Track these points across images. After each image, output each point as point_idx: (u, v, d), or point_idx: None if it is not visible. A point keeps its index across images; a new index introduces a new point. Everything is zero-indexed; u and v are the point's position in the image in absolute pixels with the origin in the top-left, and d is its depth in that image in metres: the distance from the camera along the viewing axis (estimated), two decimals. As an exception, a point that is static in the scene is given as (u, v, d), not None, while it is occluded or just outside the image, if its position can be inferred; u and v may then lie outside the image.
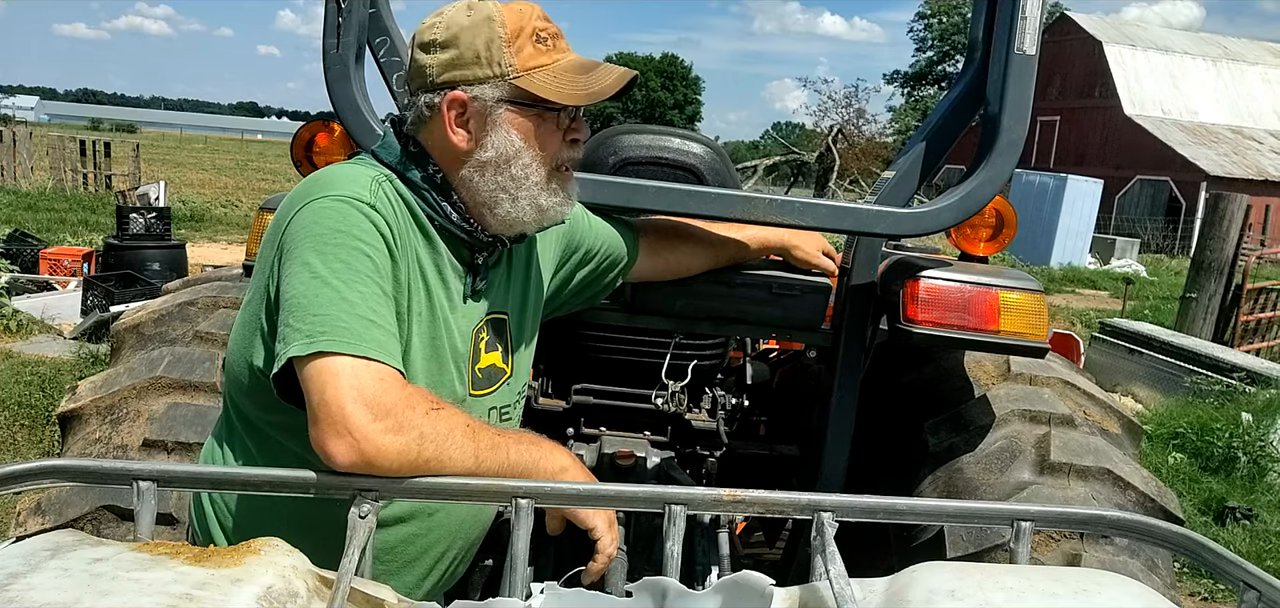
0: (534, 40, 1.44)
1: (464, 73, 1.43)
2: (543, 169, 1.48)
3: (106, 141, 23.36)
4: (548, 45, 1.45)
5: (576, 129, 1.52)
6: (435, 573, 1.59)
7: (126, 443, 2.02)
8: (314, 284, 1.29)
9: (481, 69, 1.42)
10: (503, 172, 1.45)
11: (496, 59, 1.42)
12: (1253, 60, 36.76)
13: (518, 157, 1.46)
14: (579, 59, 1.49)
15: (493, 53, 1.42)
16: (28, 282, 9.39)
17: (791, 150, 34.05)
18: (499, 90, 1.43)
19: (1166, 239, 28.61)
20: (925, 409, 2.25)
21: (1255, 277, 10.76)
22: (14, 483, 1.07)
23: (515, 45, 1.42)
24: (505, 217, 1.48)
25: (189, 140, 66.62)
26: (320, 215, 1.35)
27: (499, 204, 1.47)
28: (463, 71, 1.43)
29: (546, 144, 1.48)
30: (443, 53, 1.44)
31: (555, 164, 1.50)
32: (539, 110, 1.45)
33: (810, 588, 1.04)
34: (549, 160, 1.49)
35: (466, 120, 1.44)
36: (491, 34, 1.42)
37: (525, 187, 1.47)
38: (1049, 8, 1.84)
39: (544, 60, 1.44)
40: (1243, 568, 0.98)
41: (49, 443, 5.06)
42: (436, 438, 1.25)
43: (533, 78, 1.43)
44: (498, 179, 1.46)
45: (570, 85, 1.44)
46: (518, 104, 1.44)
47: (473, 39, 1.42)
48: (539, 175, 1.48)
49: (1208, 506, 5.47)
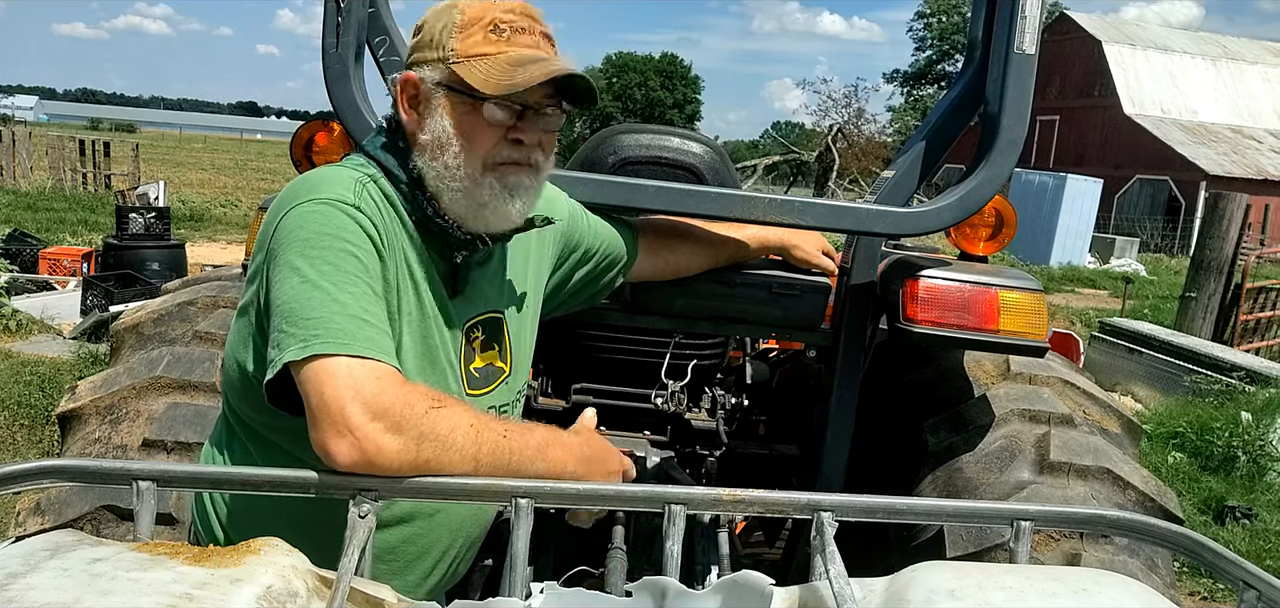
0: (489, 29, 1.41)
1: (418, 54, 1.46)
2: (474, 162, 1.43)
3: (106, 141, 23.35)
4: (502, 36, 1.41)
5: (520, 129, 1.44)
6: (437, 573, 1.59)
7: (126, 443, 2.02)
8: (304, 288, 1.29)
9: (430, 51, 1.44)
10: (438, 157, 1.44)
11: (443, 42, 1.42)
12: (1252, 60, 36.77)
13: (449, 144, 1.43)
14: (524, 53, 1.41)
15: (442, 37, 1.42)
16: (27, 281, 9.39)
17: (791, 150, 34.07)
18: (437, 73, 1.43)
19: (1166, 238, 28.62)
20: (925, 409, 2.25)
21: (1255, 276, 10.77)
22: (14, 483, 1.07)
23: (465, 31, 1.41)
24: (451, 209, 1.46)
25: (188, 140, 66.61)
26: (305, 219, 1.34)
27: (441, 194, 1.45)
28: (418, 53, 1.46)
29: (476, 136, 1.43)
30: (413, 37, 1.48)
31: (489, 160, 1.44)
32: (469, 99, 1.41)
33: (810, 588, 1.04)
34: (480, 154, 1.43)
35: (417, 102, 1.46)
36: (449, 19, 1.43)
37: (458, 177, 1.44)
38: (1049, 7, 1.84)
39: (489, 50, 1.40)
40: (1242, 568, 0.98)
41: (49, 443, 5.06)
42: (436, 436, 1.25)
43: (469, 65, 1.40)
44: (435, 165, 1.44)
45: (497, 75, 1.38)
46: (451, 89, 1.42)
47: (434, 22, 1.44)
48: (471, 168, 1.43)
49: (1207, 505, 5.47)
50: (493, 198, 1.45)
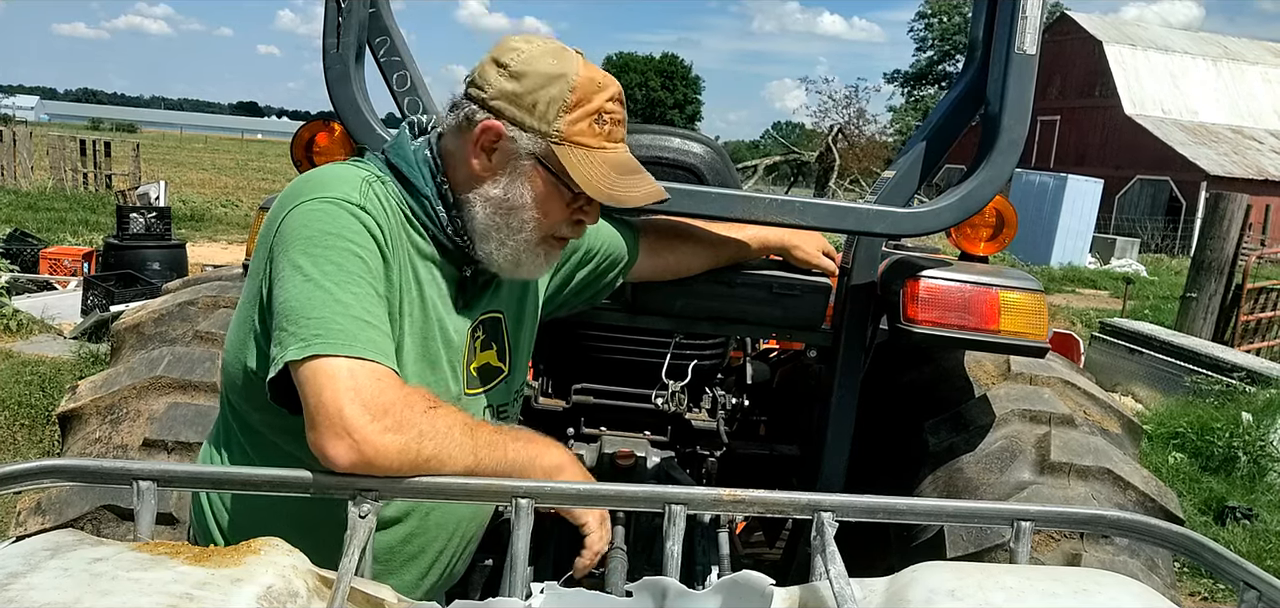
0: (593, 118, 1.43)
1: (513, 110, 1.42)
2: (539, 232, 1.48)
3: (106, 141, 23.35)
4: (603, 129, 1.45)
5: (585, 213, 1.51)
6: (434, 572, 1.59)
7: (126, 443, 2.02)
8: (306, 287, 1.28)
9: (531, 118, 1.42)
10: (502, 214, 1.46)
11: (549, 118, 1.41)
12: (1253, 60, 36.75)
13: (522, 209, 1.46)
14: (624, 158, 1.48)
15: (549, 111, 1.41)
16: (28, 281, 9.40)
17: (791, 150, 34.05)
18: (535, 146, 1.43)
19: (1166, 239, 28.61)
20: (925, 409, 2.25)
21: (1255, 276, 10.76)
22: (14, 483, 1.07)
23: (572, 114, 1.42)
24: (486, 253, 1.49)
25: (189, 140, 66.59)
26: (309, 217, 1.34)
27: (487, 239, 1.48)
28: (513, 109, 1.42)
29: (552, 211, 1.48)
30: (509, 81, 1.42)
31: (552, 232, 1.50)
32: (560, 182, 1.45)
33: (810, 588, 1.04)
34: (548, 227, 1.49)
35: (492, 151, 1.45)
36: (557, 93, 1.41)
37: (516, 238, 1.47)
38: (1049, 7, 1.84)
39: (590, 141, 1.43)
40: (1243, 568, 0.98)
41: (49, 443, 5.06)
42: (435, 436, 1.25)
43: (571, 153, 1.42)
44: (495, 218, 1.46)
45: (601, 180, 1.43)
46: (545, 166, 1.44)
47: (539, 86, 1.41)
48: (533, 236, 1.48)
49: (1208, 505, 5.47)
50: (534, 262, 1.52)
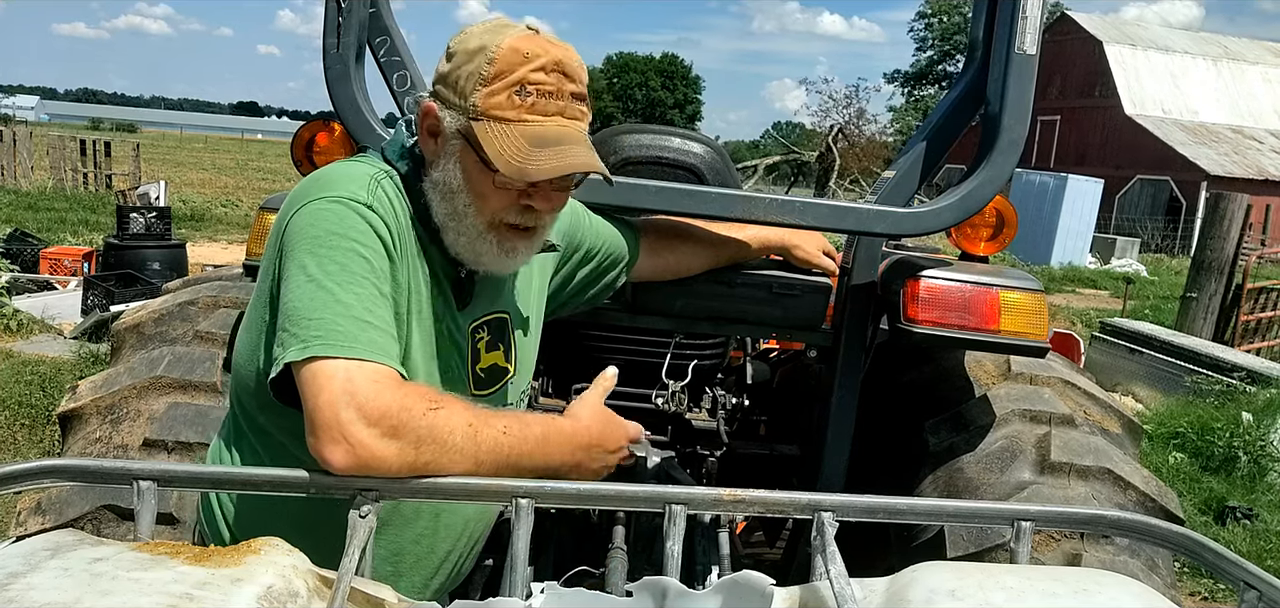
0: (515, 89, 1.35)
1: (443, 90, 1.41)
2: (480, 217, 1.42)
3: (107, 141, 23.36)
4: (525, 101, 1.35)
5: (535, 196, 1.42)
6: (443, 572, 1.59)
7: (127, 443, 2.02)
8: (309, 288, 1.28)
9: (453, 95, 1.39)
10: (447, 200, 1.43)
11: (466, 92, 1.37)
12: (1253, 60, 36.75)
13: (458, 193, 1.42)
14: (548, 130, 1.37)
15: (467, 85, 1.37)
16: (28, 281, 9.40)
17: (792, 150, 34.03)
18: (458, 123, 1.39)
19: (1167, 239, 28.61)
20: (925, 409, 2.25)
21: (1255, 276, 10.76)
22: (14, 483, 1.07)
23: (490, 86, 1.35)
24: (451, 245, 1.46)
25: (189, 140, 66.57)
26: (316, 217, 1.34)
27: (445, 230, 1.45)
28: (443, 87, 1.41)
29: (485, 196, 1.41)
30: (444, 62, 1.42)
31: (495, 220, 1.43)
32: (481, 159, 1.38)
33: (810, 588, 1.04)
34: (487, 212, 1.42)
35: (435, 135, 1.43)
36: (475, 67, 1.36)
37: (462, 224, 1.43)
38: (1049, 7, 1.84)
39: (510, 114, 1.35)
40: (1243, 568, 0.98)
41: (49, 443, 5.06)
42: (434, 440, 1.24)
43: (487, 127, 1.36)
44: (443, 205, 1.43)
45: (513, 153, 1.34)
46: (469, 142, 1.39)
47: (464, 61, 1.38)
48: (476, 222, 1.43)
49: (1208, 505, 5.47)
50: (490, 253, 1.45)
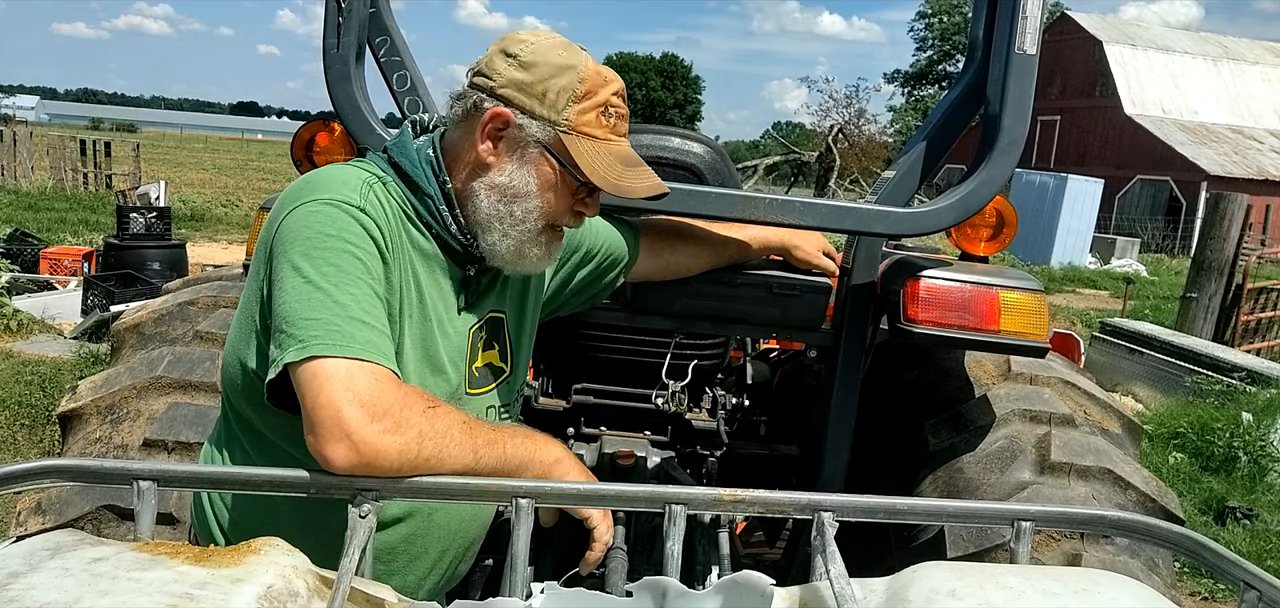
0: (600, 110, 1.47)
1: (523, 98, 1.44)
2: (542, 220, 1.50)
3: (107, 141, 23.33)
4: (609, 122, 1.48)
5: (586, 204, 1.54)
6: (437, 572, 1.59)
7: (127, 443, 2.02)
8: (305, 289, 1.29)
9: (541, 107, 1.44)
10: (506, 202, 1.48)
11: (558, 107, 1.44)
12: (1253, 60, 36.74)
13: (527, 197, 1.48)
14: (627, 151, 1.51)
15: (558, 100, 1.44)
16: (28, 281, 9.39)
17: (792, 150, 34.05)
18: (544, 133, 1.45)
19: (1167, 239, 28.61)
20: (925, 409, 2.25)
21: (1255, 276, 10.76)
22: (14, 483, 1.07)
23: (581, 104, 1.45)
24: (490, 245, 1.50)
25: (189, 140, 66.52)
26: (309, 219, 1.34)
27: (490, 230, 1.49)
28: (522, 97, 1.44)
29: (556, 200, 1.50)
30: (518, 70, 1.45)
31: (554, 221, 1.52)
32: (566, 171, 1.47)
33: (810, 588, 1.04)
34: (550, 215, 1.51)
35: (499, 138, 1.46)
36: (567, 83, 1.44)
37: (520, 227, 1.49)
38: (1049, 7, 1.84)
39: (598, 133, 1.47)
40: (1243, 568, 0.98)
41: (49, 443, 5.06)
42: (434, 436, 1.25)
43: (578, 141, 1.45)
44: (499, 206, 1.48)
45: (607, 169, 1.46)
46: (552, 154, 1.46)
47: (550, 76, 1.44)
48: (536, 224, 1.50)
49: (1208, 505, 5.47)
50: (537, 252, 1.53)
